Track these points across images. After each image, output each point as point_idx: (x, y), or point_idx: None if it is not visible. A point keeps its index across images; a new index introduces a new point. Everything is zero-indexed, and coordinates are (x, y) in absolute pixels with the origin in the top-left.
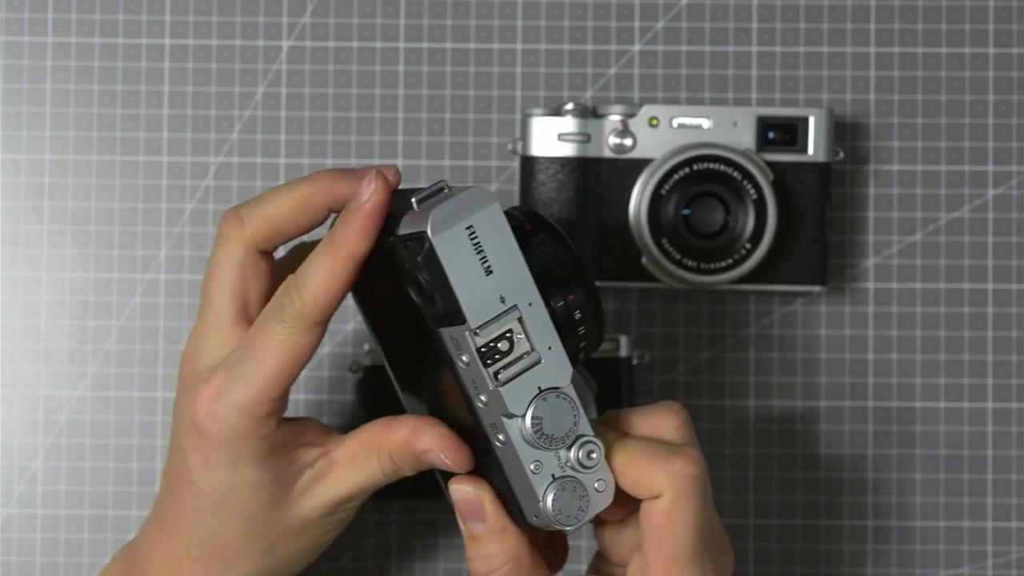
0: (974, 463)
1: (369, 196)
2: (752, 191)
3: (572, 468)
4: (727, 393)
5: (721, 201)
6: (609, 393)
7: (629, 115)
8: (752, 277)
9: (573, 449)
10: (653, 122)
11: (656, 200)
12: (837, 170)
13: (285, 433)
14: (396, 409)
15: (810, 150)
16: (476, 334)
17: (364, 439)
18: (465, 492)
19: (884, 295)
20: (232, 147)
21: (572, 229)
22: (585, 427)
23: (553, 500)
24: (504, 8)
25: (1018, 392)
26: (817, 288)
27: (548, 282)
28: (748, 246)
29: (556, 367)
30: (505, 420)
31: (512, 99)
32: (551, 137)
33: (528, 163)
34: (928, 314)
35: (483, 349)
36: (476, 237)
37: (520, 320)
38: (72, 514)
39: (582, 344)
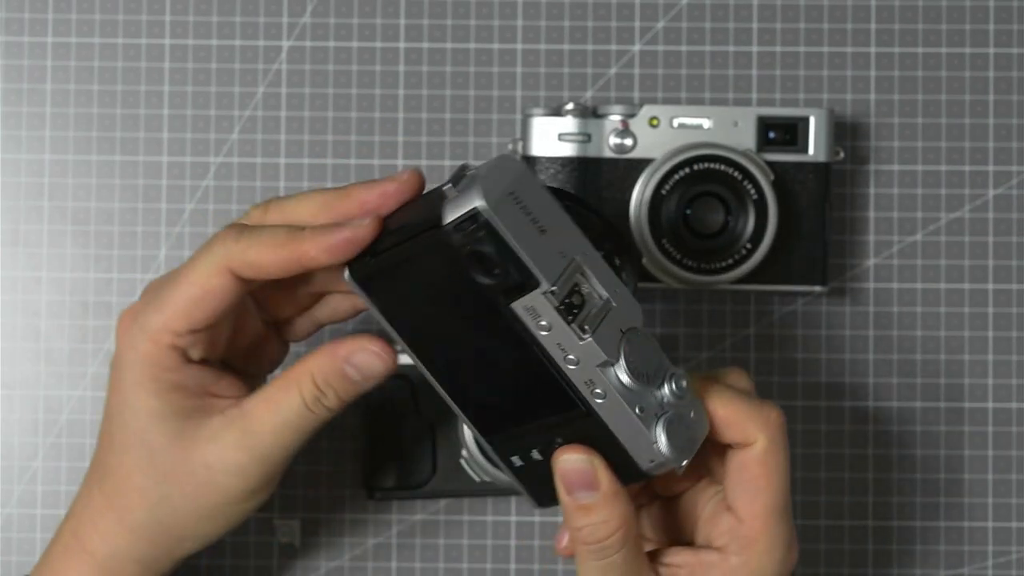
0: (974, 463)
1: (359, 225)
2: (752, 191)
3: (669, 403)
4: None
5: (721, 201)
6: None
7: (629, 115)
8: (752, 277)
9: (666, 384)
10: (653, 122)
11: (656, 200)
12: (837, 170)
13: (197, 375)
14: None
15: (810, 150)
16: (552, 293)
17: (283, 375)
18: (578, 460)
19: (884, 295)
20: (232, 147)
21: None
22: (668, 361)
23: (668, 437)
24: (504, 8)
25: (1018, 392)
26: (817, 288)
27: (588, 236)
28: (748, 246)
29: (628, 308)
30: (601, 372)
31: (512, 99)
32: (551, 137)
33: (528, 163)
34: (928, 314)
35: (562, 306)
36: (521, 200)
37: (583, 271)
38: None
39: (629, 288)
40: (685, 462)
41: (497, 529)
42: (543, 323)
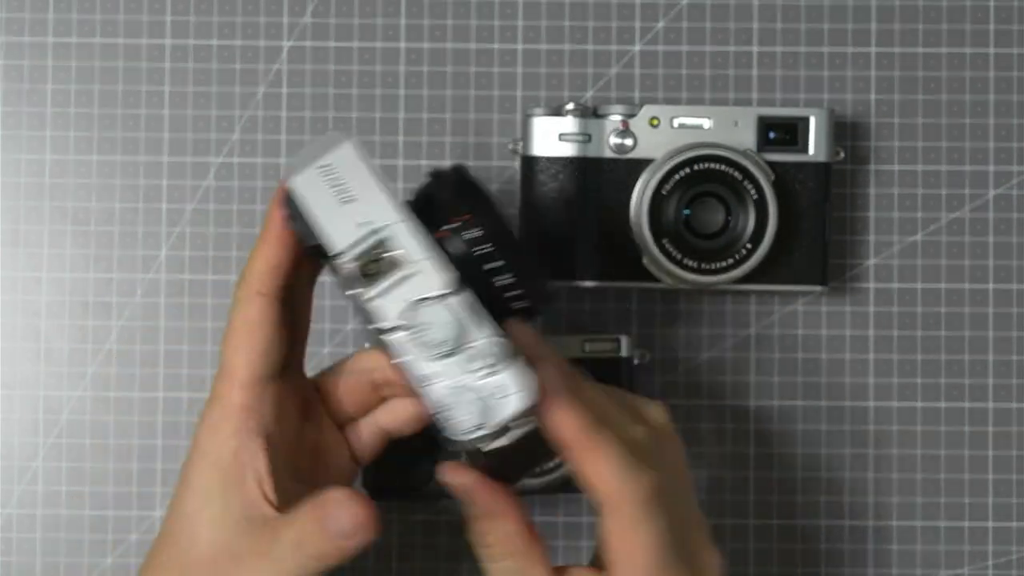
0: (975, 463)
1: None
2: (753, 191)
3: (468, 375)
4: (727, 393)
5: (722, 201)
6: None
7: (630, 115)
8: (753, 277)
9: (461, 353)
10: (654, 122)
11: (657, 200)
12: (838, 170)
13: (250, 451)
14: None
15: (811, 150)
16: (344, 259)
17: (310, 512)
18: (455, 479)
19: (885, 295)
20: (233, 147)
21: (573, 229)
22: (480, 333)
23: (453, 412)
24: (505, 8)
25: (1019, 392)
26: (818, 288)
27: (442, 213)
28: (749, 246)
29: (432, 278)
30: (386, 339)
31: (513, 99)
32: (552, 137)
33: (529, 163)
34: (929, 314)
35: (358, 273)
36: (332, 173)
37: (384, 240)
38: (72, 514)
39: (504, 280)
40: (486, 442)
41: None
42: (348, 292)
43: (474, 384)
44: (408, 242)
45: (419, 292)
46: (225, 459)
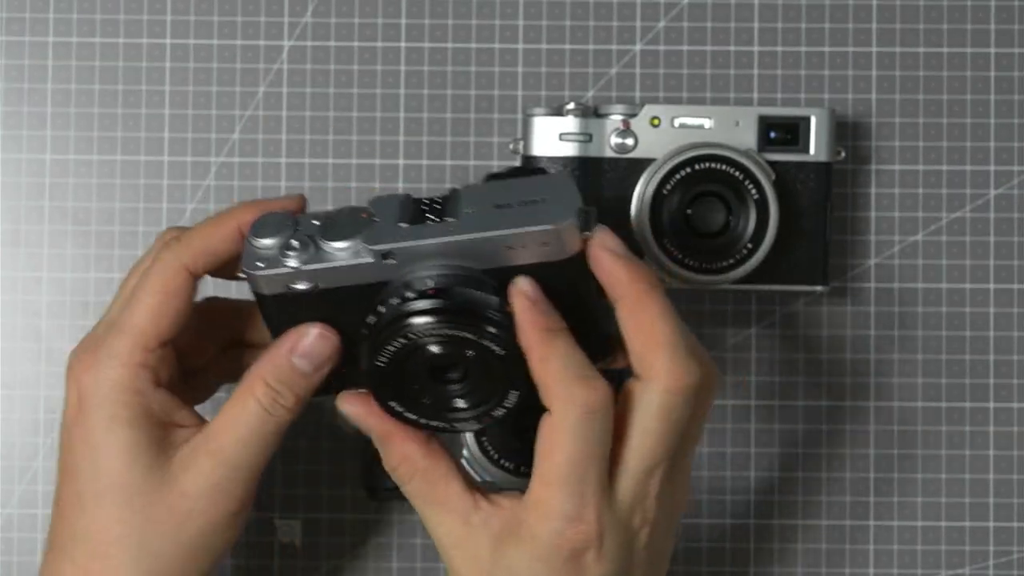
0: (976, 463)
1: (290, 197)
2: (754, 191)
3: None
4: (728, 393)
5: (723, 201)
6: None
7: (631, 115)
8: (753, 277)
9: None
10: (655, 122)
11: (658, 200)
12: (839, 170)
13: (164, 402)
14: None
15: (812, 150)
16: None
17: (237, 388)
18: (346, 411)
19: (886, 295)
20: (233, 147)
21: None
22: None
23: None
24: (505, 7)
25: (1019, 392)
26: (819, 288)
27: None
28: (749, 246)
29: None
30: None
31: (513, 99)
32: (552, 137)
33: (529, 163)
34: (930, 314)
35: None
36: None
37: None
38: None
39: None
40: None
41: None
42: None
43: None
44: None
45: None
46: (138, 414)
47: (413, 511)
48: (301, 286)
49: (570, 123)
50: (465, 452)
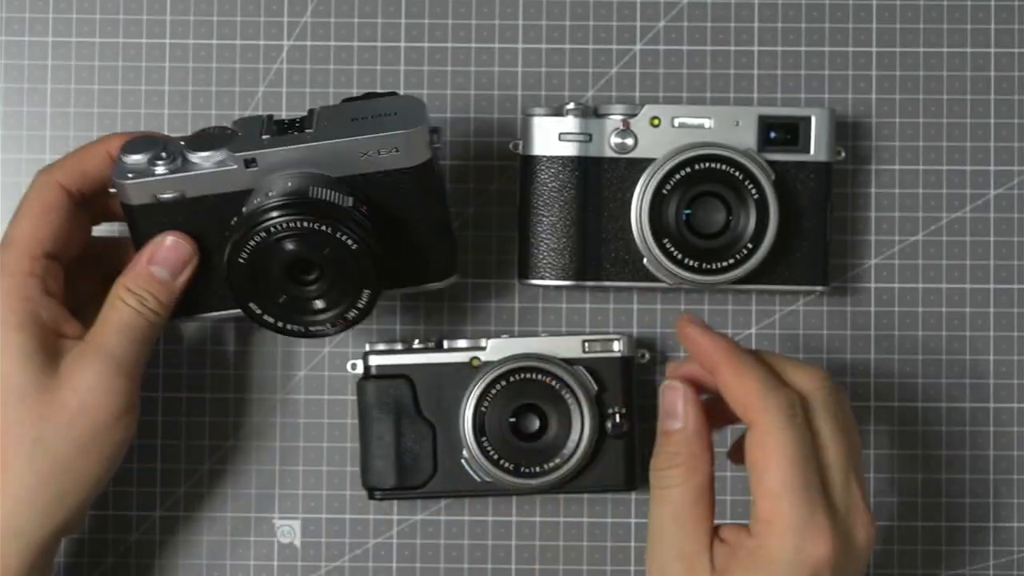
0: (976, 463)
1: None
2: (753, 191)
3: None
4: None
5: (722, 201)
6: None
7: (630, 115)
8: (753, 277)
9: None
10: (654, 122)
11: (657, 200)
12: (838, 170)
13: (52, 310)
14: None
15: (812, 150)
16: None
17: (108, 298)
18: (671, 386)
19: (886, 295)
20: None
21: (573, 229)
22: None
23: None
24: (505, 7)
25: (1020, 392)
26: (819, 288)
27: None
28: (749, 246)
29: None
30: None
31: (514, 98)
32: (552, 136)
33: (529, 162)
34: (930, 314)
35: None
36: None
37: None
38: None
39: None
40: None
41: (498, 529)
42: None
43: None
44: None
45: None
46: (27, 320)
47: (413, 511)
48: (168, 195)
49: (570, 123)
50: (465, 453)
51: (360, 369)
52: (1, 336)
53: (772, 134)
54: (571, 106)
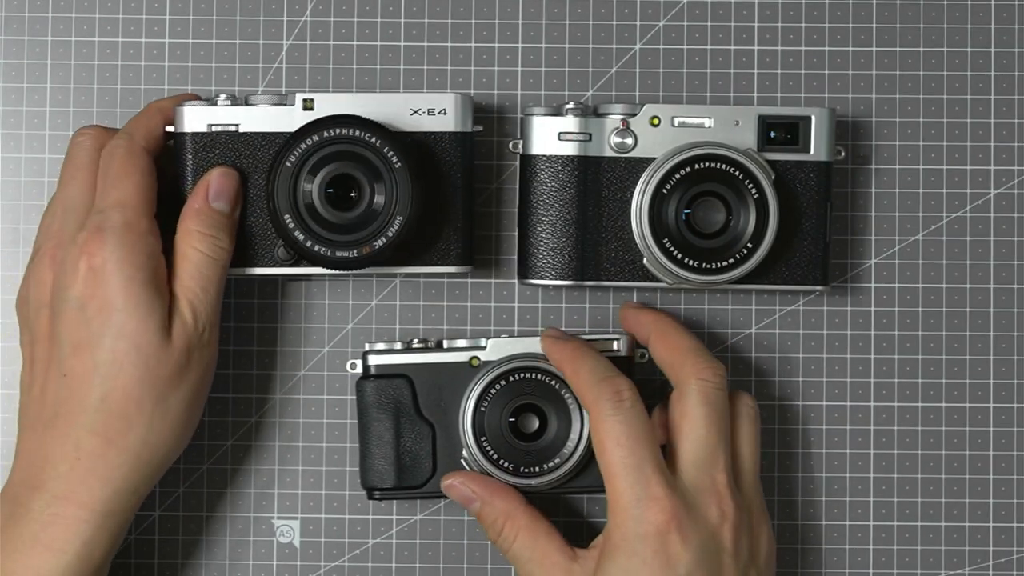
0: (976, 463)
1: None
2: (753, 190)
3: None
4: None
5: (722, 200)
6: None
7: (630, 114)
8: (753, 277)
9: None
10: (654, 121)
11: (657, 199)
12: (839, 169)
13: (163, 269)
14: None
15: (812, 149)
16: None
17: (175, 254)
18: (450, 485)
19: (886, 295)
20: None
21: (573, 229)
22: None
23: None
24: (505, 7)
25: (1020, 392)
26: (818, 288)
27: None
28: (749, 246)
29: None
30: None
31: (513, 98)
32: (552, 136)
33: (529, 162)
34: (930, 314)
35: None
36: None
37: None
38: None
39: None
40: None
41: None
42: None
43: None
44: None
45: None
46: (143, 261)
47: (413, 511)
48: (222, 125)
49: (570, 122)
50: (465, 453)
51: (359, 369)
52: (130, 294)
53: (772, 134)
54: (571, 106)
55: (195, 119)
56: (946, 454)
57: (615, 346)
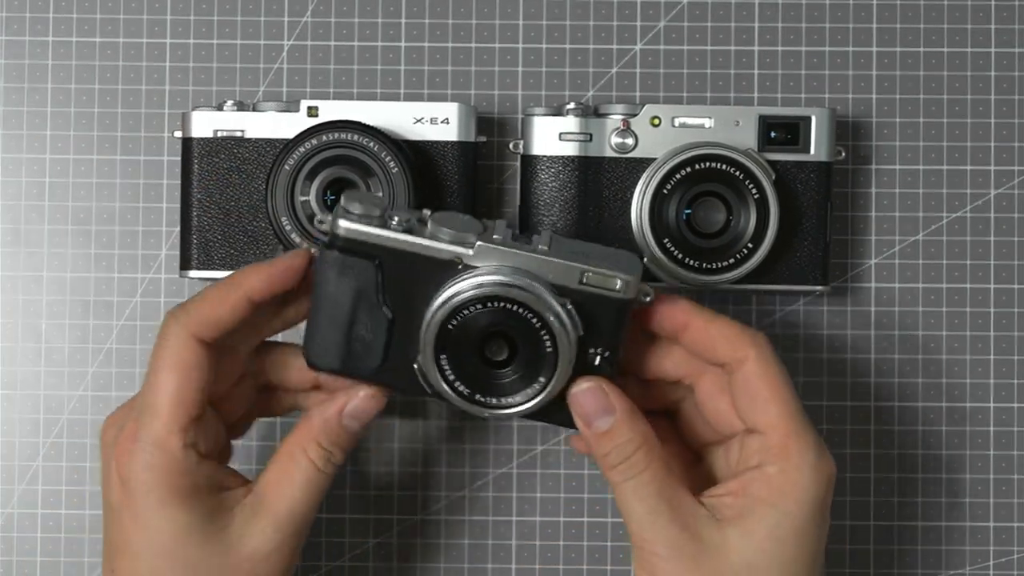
0: (976, 463)
1: (282, 261)
2: (754, 190)
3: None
4: None
5: (723, 201)
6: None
7: (631, 114)
8: (754, 277)
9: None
10: (655, 121)
11: (658, 200)
12: (839, 169)
13: (207, 473)
14: None
15: (812, 149)
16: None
17: (285, 446)
18: (590, 388)
19: (886, 295)
20: None
21: (573, 229)
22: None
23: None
24: (505, 7)
25: (1020, 392)
26: (819, 288)
27: None
28: (750, 246)
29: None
30: None
31: (514, 98)
32: (553, 136)
33: (529, 162)
34: (930, 314)
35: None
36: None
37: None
38: (73, 514)
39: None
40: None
41: (498, 529)
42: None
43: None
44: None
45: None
46: (187, 494)
47: (413, 511)
48: (228, 130)
49: (570, 123)
50: (419, 359)
51: (327, 227)
52: (163, 515)
53: (772, 134)
54: (571, 106)
55: (201, 124)
56: (946, 454)
57: (616, 285)
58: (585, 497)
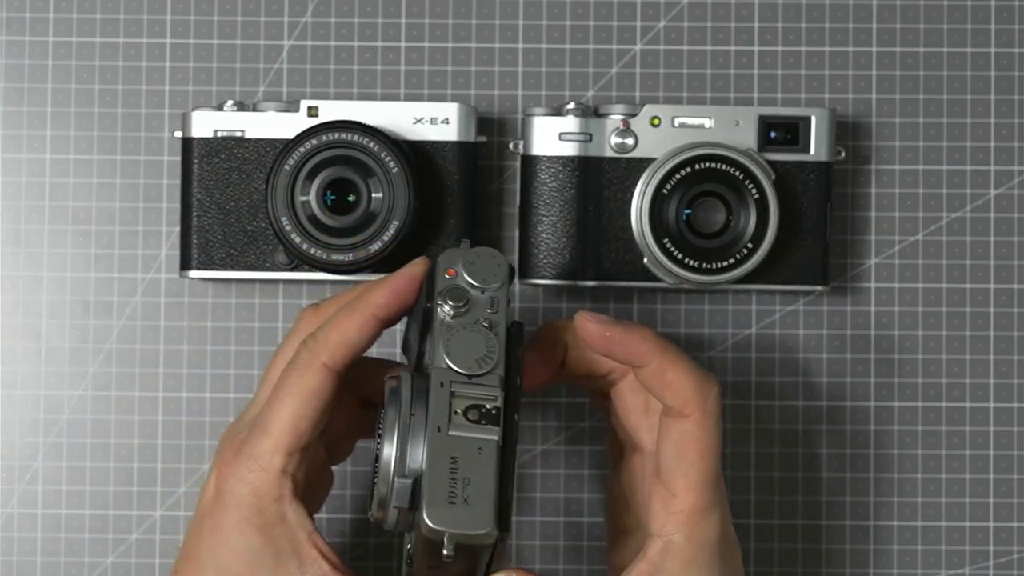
0: (976, 463)
1: (404, 274)
2: (754, 191)
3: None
4: (728, 393)
5: (723, 201)
6: None
7: (631, 114)
8: (753, 277)
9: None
10: (655, 121)
11: (658, 200)
12: (839, 169)
13: (296, 516)
14: None
15: (812, 149)
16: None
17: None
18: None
19: (886, 295)
20: None
21: (573, 229)
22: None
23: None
24: (505, 7)
25: (1020, 392)
26: (819, 288)
27: None
28: (750, 246)
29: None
30: None
31: (514, 98)
32: (552, 136)
33: (529, 162)
34: (930, 314)
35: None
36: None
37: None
38: (73, 514)
39: None
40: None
41: None
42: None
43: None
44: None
45: None
46: (271, 522)
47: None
48: (228, 131)
49: (570, 123)
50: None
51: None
52: (241, 534)
53: (772, 134)
54: (571, 106)
55: (201, 124)
56: (946, 454)
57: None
58: (585, 497)
